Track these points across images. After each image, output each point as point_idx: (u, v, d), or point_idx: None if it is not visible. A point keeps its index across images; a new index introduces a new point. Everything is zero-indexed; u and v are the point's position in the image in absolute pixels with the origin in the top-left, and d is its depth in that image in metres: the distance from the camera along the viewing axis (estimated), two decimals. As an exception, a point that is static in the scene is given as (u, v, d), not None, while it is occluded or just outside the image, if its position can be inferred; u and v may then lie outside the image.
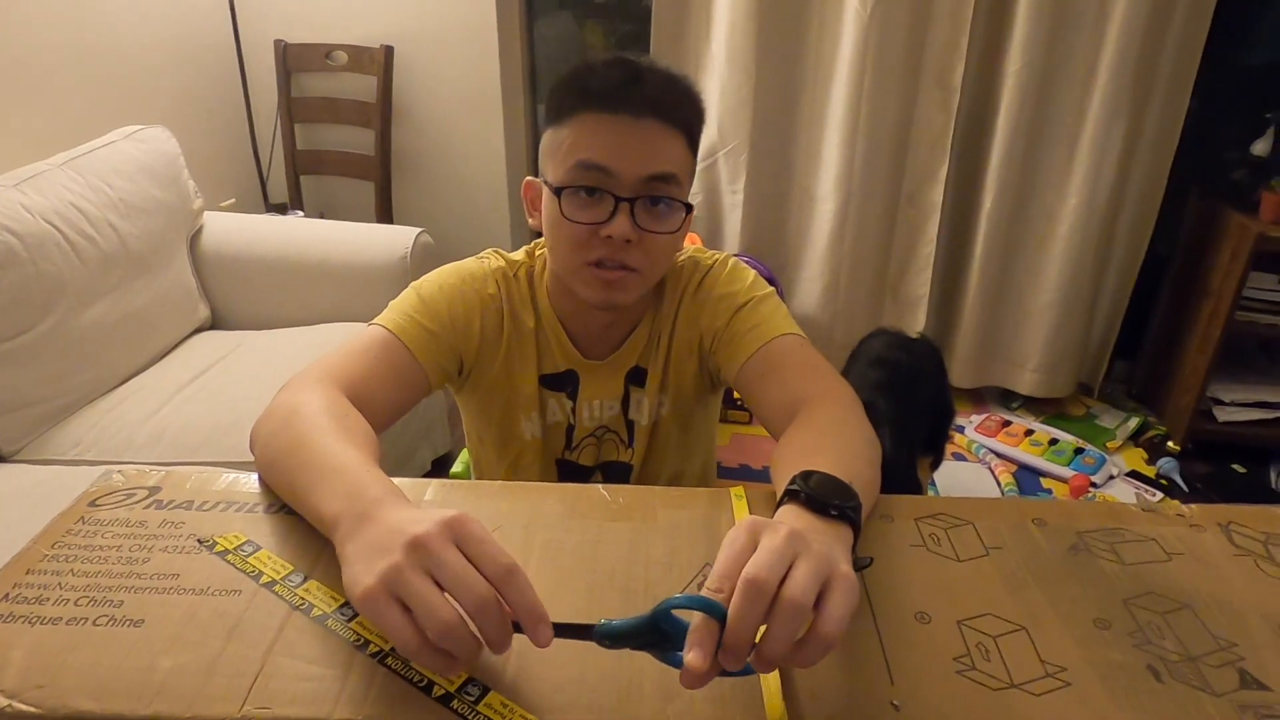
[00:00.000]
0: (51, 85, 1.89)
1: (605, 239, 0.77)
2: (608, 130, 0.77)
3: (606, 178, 0.77)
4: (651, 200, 0.78)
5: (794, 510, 0.54)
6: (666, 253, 0.84)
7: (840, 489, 0.55)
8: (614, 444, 0.94)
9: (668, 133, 0.78)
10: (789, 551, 0.44)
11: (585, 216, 0.78)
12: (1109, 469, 2.07)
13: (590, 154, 0.77)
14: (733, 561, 0.45)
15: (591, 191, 0.77)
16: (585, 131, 0.77)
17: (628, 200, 0.77)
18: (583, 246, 0.79)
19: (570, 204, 0.78)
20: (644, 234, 0.78)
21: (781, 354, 0.81)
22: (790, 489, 0.55)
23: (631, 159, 0.76)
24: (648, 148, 0.77)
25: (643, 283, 0.83)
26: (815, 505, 0.54)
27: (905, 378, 1.52)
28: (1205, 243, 2.12)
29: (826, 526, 0.53)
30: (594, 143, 0.77)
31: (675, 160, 0.79)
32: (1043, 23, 1.97)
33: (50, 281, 1.51)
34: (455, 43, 2.38)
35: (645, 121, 0.77)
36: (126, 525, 0.62)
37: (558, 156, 0.79)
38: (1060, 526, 0.63)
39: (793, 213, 2.35)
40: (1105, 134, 2.03)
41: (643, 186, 0.77)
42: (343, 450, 0.60)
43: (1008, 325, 2.30)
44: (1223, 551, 0.61)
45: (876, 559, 0.59)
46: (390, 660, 0.51)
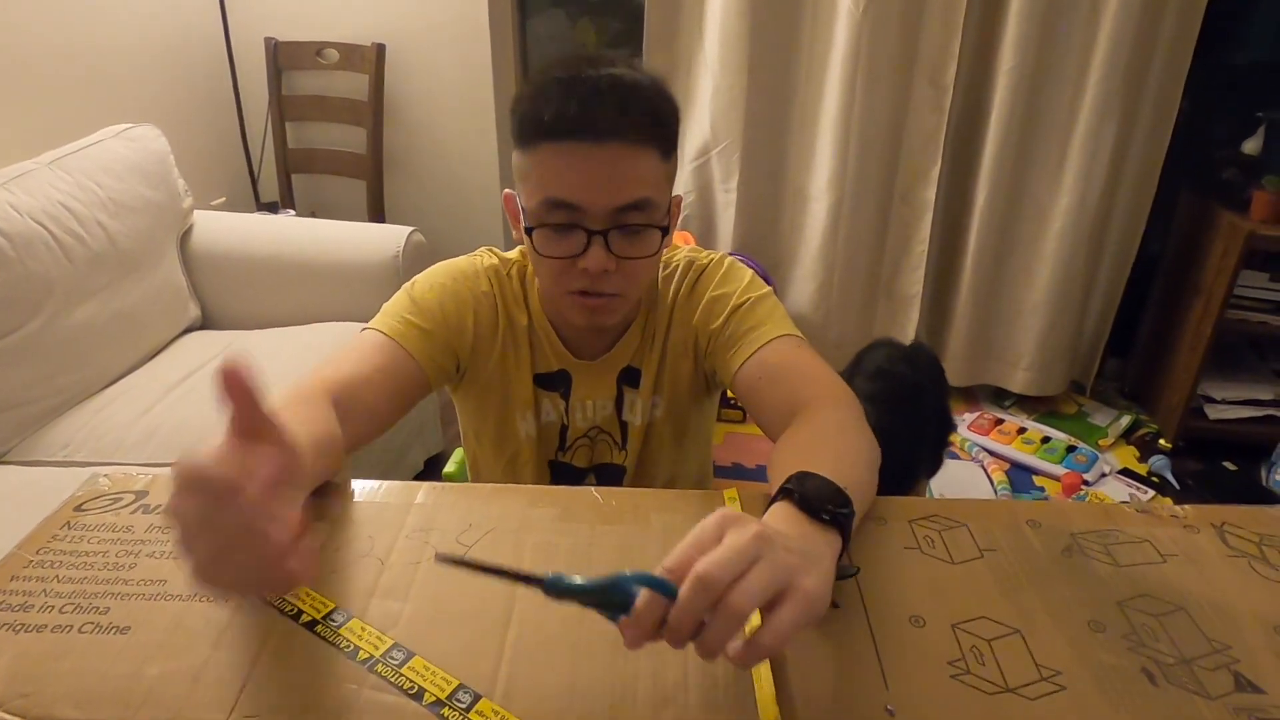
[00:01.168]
0: (40, 83, 1.88)
1: (582, 270, 0.76)
2: (569, 162, 0.73)
3: (575, 214, 0.74)
4: (628, 229, 0.75)
5: (785, 510, 0.54)
6: (648, 272, 0.82)
7: (834, 494, 0.55)
8: (607, 445, 0.94)
9: (634, 151, 0.74)
10: (750, 552, 0.44)
11: (559, 251, 0.76)
12: (1101, 467, 2.08)
13: (556, 191, 0.73)
14: (693, 549, 0.45)
15: (562, 228, 0.75)
16: (547, 165, 0.74)
17: (600, 233, 0.74)
18: (561, 275, 0.78)
19: (542, 241, 0.77)
20: (622, 261, 0.76)
21: (779, 356, 0.80)
22: (784, 488, 0.55)
23: (599, 191, 0.73)
24: (614, 176, 0.73)
25: (628, 302, 0.82)
26: (807, 508, 0.53)
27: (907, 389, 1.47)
28: (1196, 241, 2.13)
29: (815, 531, 0.52)
30: (558, 179, 0.73)
31: (646, 180, 0.75)
32: (1034, 22, 1.96)
33: (38, 281, 1.50)
34: (447, 41, 2.37)
35: (608, 146, 0.72)
36: (113, 530, 0.61)
37: (526, 187, 0.77)
38: (1054, 528, 0.63)
39: (786, 211, 2.34)
40: (1097, 133, 2.03)
41: (615, 217, 0.74)
42: None
43: (1000, 323, 2.30)
44: (1217, 553, 0.61)
45: (870, 562, 0.59)
46: (380, 668, 0.50)
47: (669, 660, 0.51)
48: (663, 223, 0.78)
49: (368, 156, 2.43)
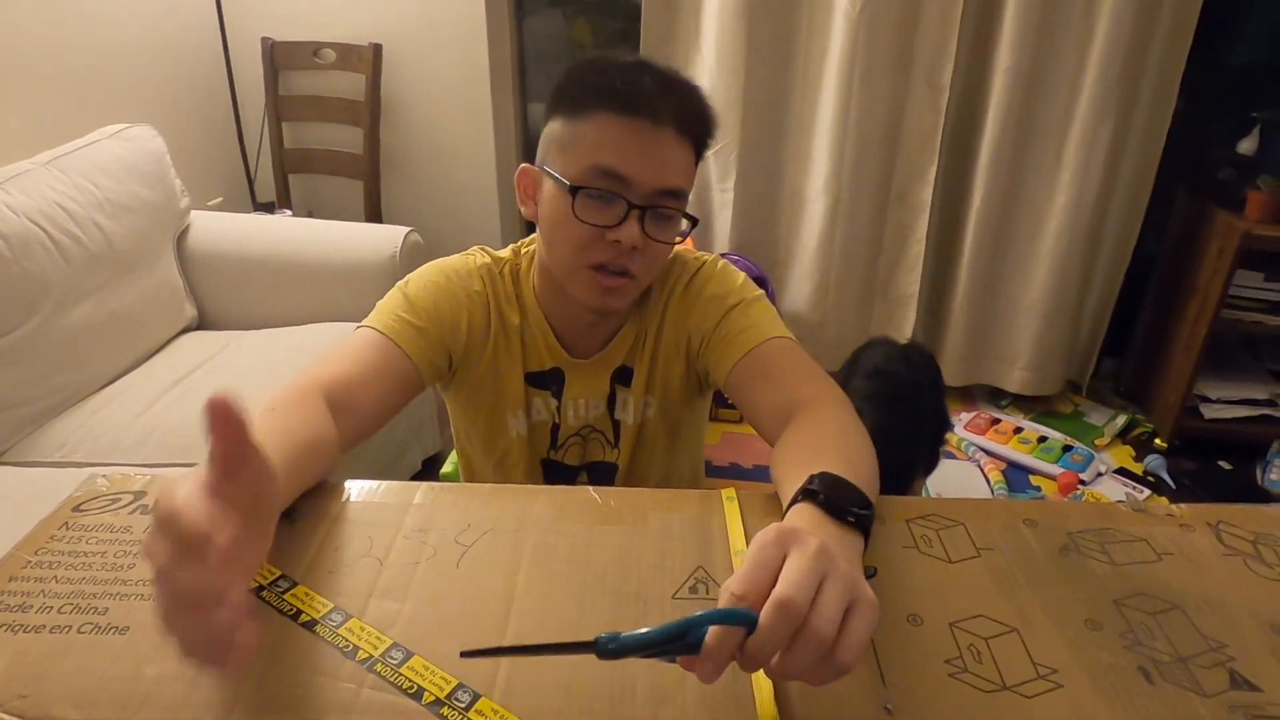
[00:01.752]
0: (36, 83, 1.87)
1: (612, 243, 0.77)
2: (627, 136, 0.76)
3: (622, 185, 0.76)
4: (660, 211, 0.78)
5: (810, 511, 0.54)
6: (664, 259, 0.85)
7: (856, 495, 0.55)
8: (599, 444, 0.94)
9: (682, 145, 0.78)
10: (819, 569, 0.43)
11: (597, 219, 0.77)
12: (1097, 466, 2.08)
13: (609, 159, 0.76)
14: (759, 570, 0.44)
15: (605, 195, 0.77)
16: (605, 133, 0.76)
17: (640, 208, 0.77)
18: (586, 248, 0.79)
19: (583, 205, 0.78)
20: (650, 242, 0.79)
21: (772, 357, 0.80)
22: (808, 489, 0.55)
23: (648, 169, 0.76)
24: (664, 159, 0.77)
25: (639, 288, 0.84)
26: (833, 510, 0.54)
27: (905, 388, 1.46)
28: (1192, 241, 2.14)
29: (842, 533, 0.53)
30: (614, 148, 0.76)
31: (685, 174, 0.80)
32: (1031, 23, 1.97)
33: (35, 282, 1.50)
34: (444, 41, 2.37)
35: (664, 131, 0.76)
36: (111, 531, 0.61)
37: (572, 152, 0.78)
38: (1051, 527, 0.63)
39: (783, 212, 2.35)
40: (1093, 133, 2.03)
41: (655, 197, 0.77)
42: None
43: (997, 323, 2.31)
44: (1213, 551, 0.61)
45: (868, 560, 0.59)
46: (379, 667, 0.50)
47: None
48: (692, 214, 0.82)
49: (364, 157, 2.42)
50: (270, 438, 0.57)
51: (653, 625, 0.53)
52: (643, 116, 0.75)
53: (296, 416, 0.66)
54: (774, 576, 0.43)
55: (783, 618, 0.42)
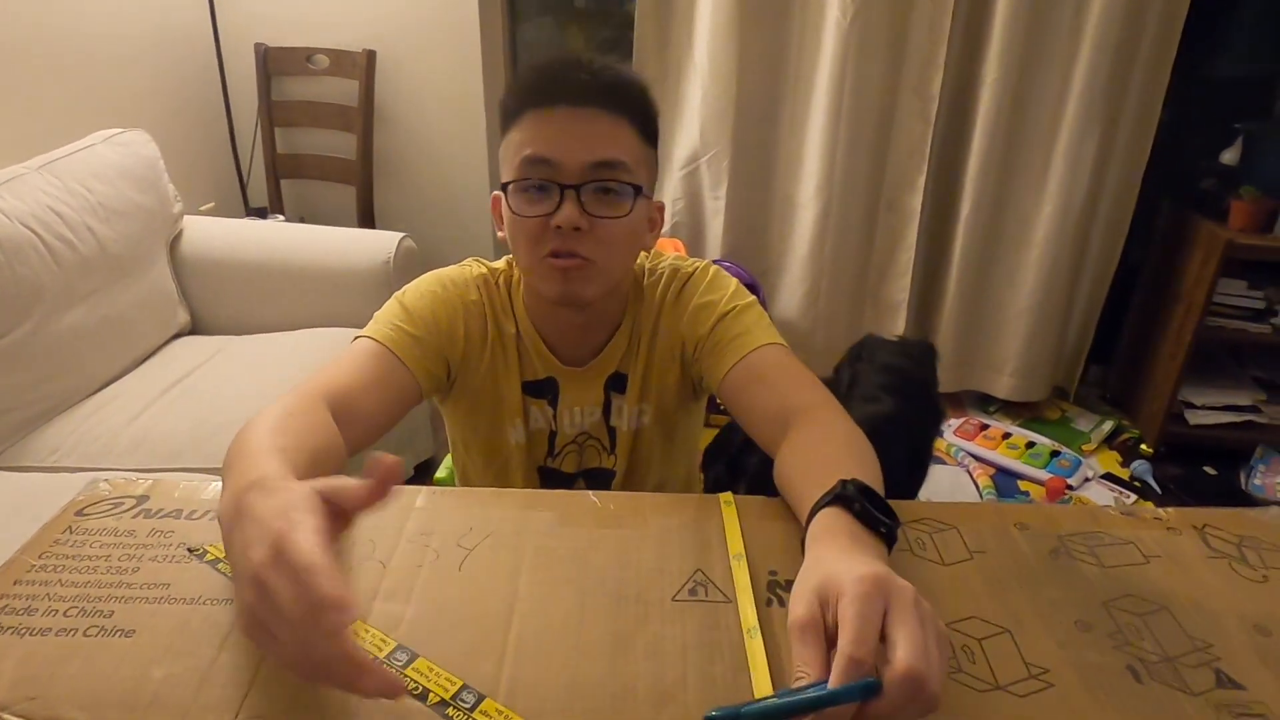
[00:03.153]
0: (29, 88, 1.87)
1: (556, 229, 0.78)
2: (548, 123, 0.77)
3: (551, 169, 0.77)
4: (600, 188, 0.78)
5: (843, 519, 0.55)
6: (623, 241, 0.82)
7: (886, 506, 0.57)
8: (596, 450, 0.95)
9: (611, 119, 0.78)
10: (924, 621, 0.44)
11: (534, 210, 0.78)
12: (1084, 471, 2.11)
13: (533, 148, 0.77)
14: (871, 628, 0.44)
15: (539, 187, 0.78)
16: (528, 129, 0.78)
17: (573, 187, 0.77)
18: (536, 241, 0.79)
19: (517, 199, 0.79)
20: (594, 220, 0.78)
21: (766, 363, 0.81)
22: (842, 494, 0.56)
23: (574, 147, 0.77)
24: (589, 135, 0.78)
25: (602, 275, 0.81)
26: (868, 520, 0.55)
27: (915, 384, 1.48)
28: (1177, 250, 2.17)
29: (872, 543, 0.54)
30: (536, 137, 0.78)
31: (622, 147, 0.79)
32: (1019, 34, 2.00)
33: (27, 286, 1.50)
34: (438, 47, 2.37)
35: (586, 110, 0.77)
36: (115, 535, 0.62)
37: (508, 159, 0.81)
38: (1041, 530, 0.65)
39: (774, 219, 2.37)
40: (1080, 143, 2.06)
41: (588, 173, 0.77)
42: (256, 442, 0.58)
43: (985, 330, 2.33)
44: (1199, 554, 0.63)
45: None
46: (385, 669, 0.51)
47: (670, 660, 0.52)
48: (636, 182, 0.80)
49: (357, 162, 2.43)
50: (288, 448, 0.59)
51: (654, 630, 0.54)
52: (561, 102, 0.77)
53: (308, 425, 0.67)
54: (878, 629, 0.44)
55: (912, 689, 0.42)
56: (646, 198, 0.83)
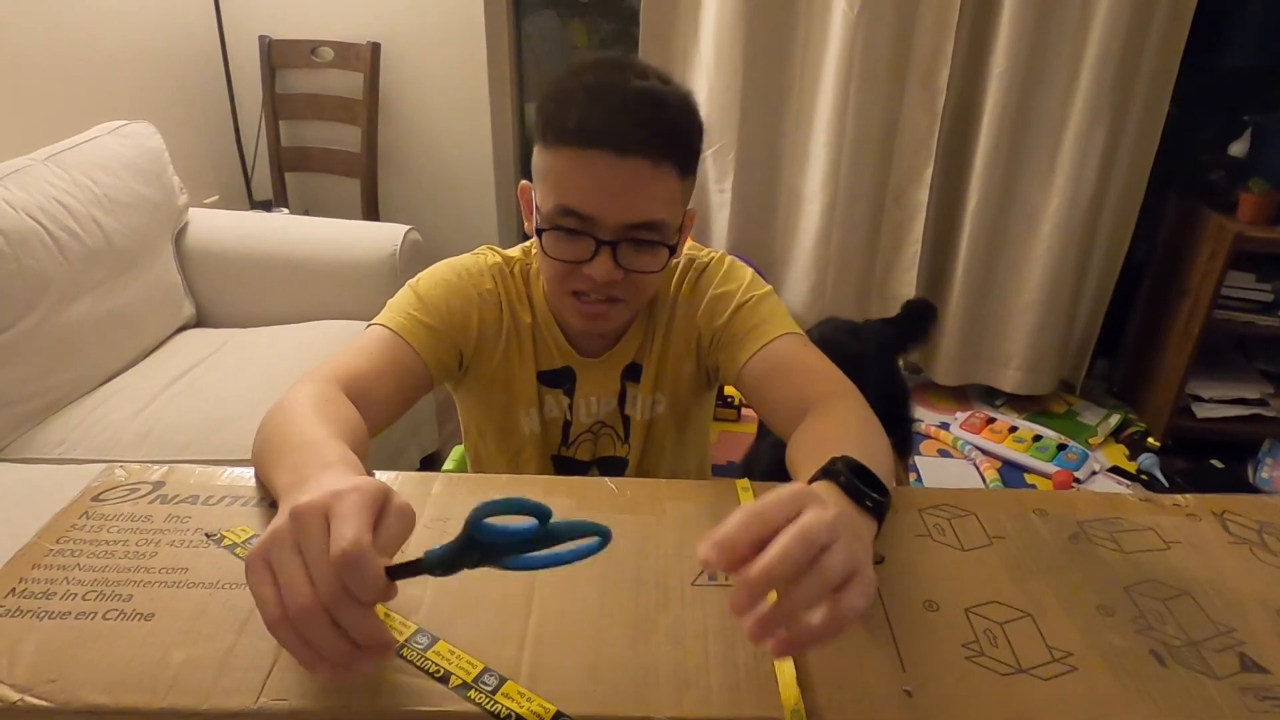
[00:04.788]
0: (34, 80, 1.87)
1: (587, 275, 0.77)
2: (587, 172, 0.72)
3: (587, 223, 0.74)
4: (634, 243, 0.76)
5: (830, 491, 0.54)
6: (653, 283, 0.82)
7: (876, 482, 0.56)
8: (610, 439, 0.95)
9: (655, 170, 0.73)
10: (833, 530, 0.44)
11: (566, 255, 0.77)
12: (1091, 465, 2.10)
13: (570, 199, 0.74)
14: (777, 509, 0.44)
15: (572, 233, 0.75)
16: (566, 171, 0.74)
17: (609, 244, 0.75)
18: (565, 279, 0.79)
19: (551, 243, 0.77)
20: (628, 273, 0.77)
21: (784, 354, 0.81)
22: (830, 469, 0.55)
23: (613, 206, 0.73)
24: (631, 192, 0.73)
25: (630, 309, 0.82)
26: (853, 492, 0.54)
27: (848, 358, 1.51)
28: (1184, 242, 2.16)
29: (857, 516, 0.53)
30: (574, 186, 0.73)
31: (661, 199, 0.75)
32: (1026, 26, 1.99)
33: (33, 278, 1.49)
34: (442, 40, 2.37)
35: (629, 160, 0.71)
36: (132, 520, 0.61)
37: (544, 186, 0.77)
38: (1060, 516, 0.64)
39: (780, 212, 2.36)
40: (1087, 135, 2.06)
41: (625, 231, 0.74)
42: (311, 429, 0.60)
43: (991, 324, 2.33)
44: (1219, 540, 0.62)
45: (883, 548, 0.60)
46: (406, 651, 0.51)
47: (690, 645, 0.51)
48: (672, 241, 0.78)
49: (362, 155, 2.42)
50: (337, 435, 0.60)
51: (674, 614, 0.54)
52: (601, 148, 0.71)
53: (343, 412, 0.68)
54: (771, 526, 0.44)
55: (802, 542, 0.42)
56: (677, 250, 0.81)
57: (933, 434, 2.26)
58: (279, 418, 0.64)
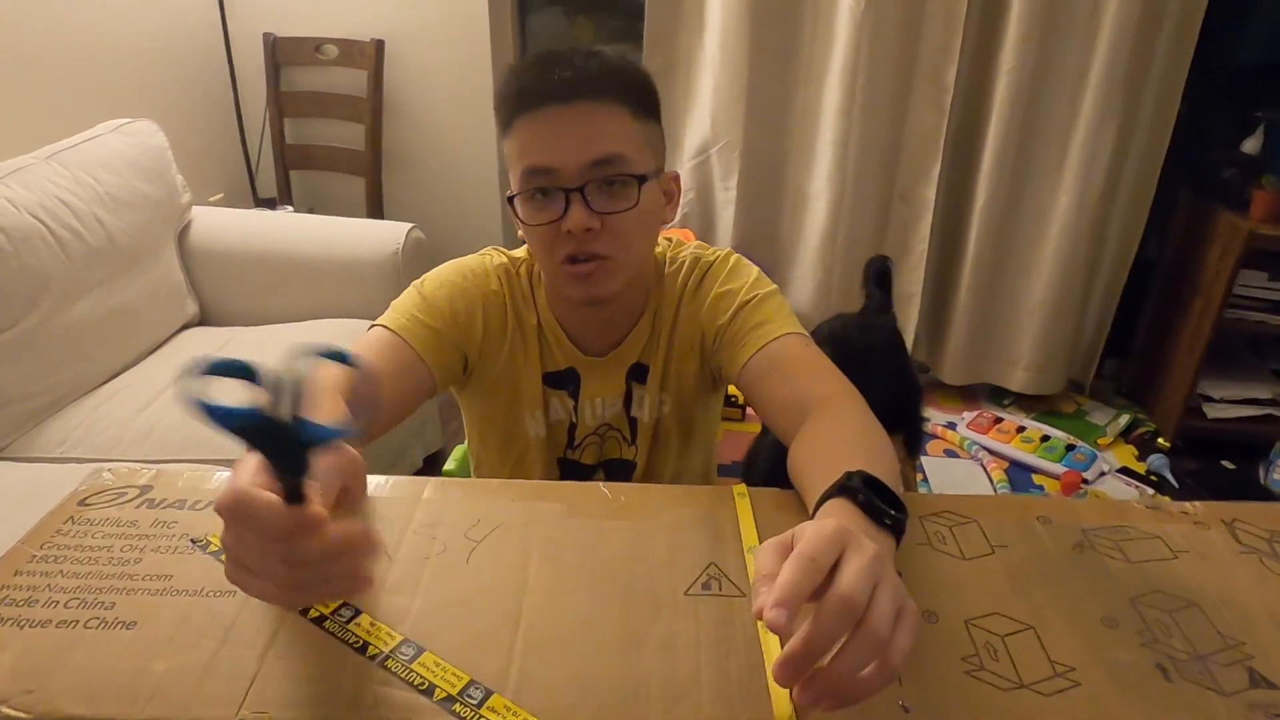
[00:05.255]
0: (38, 78, 1.86)
1: (569, 234, 0.76)
2: (540, 127, 0.76)
3: (551, 176, 0.76)
4: (604, 182, 0.76)
5: (848, 509, 0.52)
6: (637, 231, 0.80)
7: (894, 499, 0.54)
8: (617, 441, 0.93)
9: (602, 109, 0.76)
10: (875, 573, 0.43)
11: (542, 217, 0.77)
12: (1100, 465, 2.08)
13: (531, 158, 0.76)
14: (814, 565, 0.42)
15: (544, 192, 0.77)
16: (523, 137, 0.77)
17: (576, 190, 0.76)
18: (551, 246, 0.79)
19: (525, 209, 0.78)
20: (605, 218, 0.77)
21: (785, 353, 0.80)
22: (847, 485, 0.54)
23: (568, 149, 0.75)
24: (582, 132, 0.75)
25: (622, 269, 0.80)
26: (872, 511, 0.52)
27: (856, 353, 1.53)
28: (1196, 241, 2.13)
29: (878, 535, 0.52)
30: (530, 145, 0.76)
31: (615, 135, 0.77)
32: (1035, 21, 1.97)
33: (35, 276, 1.49)
34: (447, 37, 2.36)
35: (574, 106, 0.75)
36: (117, 525, 0.61)
37: (512, 170, 0.80)
38: (1064, 524, 0.63)
39: (786, 210, 2.34)
40: (1097, 132, 2.03)
41: (589, 172, 0.76)
42: None
43: (1000, 323, 2.30)
44: (1228, 549, 0.61)
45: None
46: (391, 663, 0.50)
47: (682, 656, 0.50)
48: (639, 172, 0.78)
49: (366, 153, 2.42)
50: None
51: (666, 625, 0.53)
52: (548, 102, 0.75)
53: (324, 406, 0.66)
54: (824, 572, 0.43)
55: (842, 612, 0.41)
56: (655, 178, 0.81)
57: (940, 434, 2.24)
58: None
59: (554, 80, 0.75)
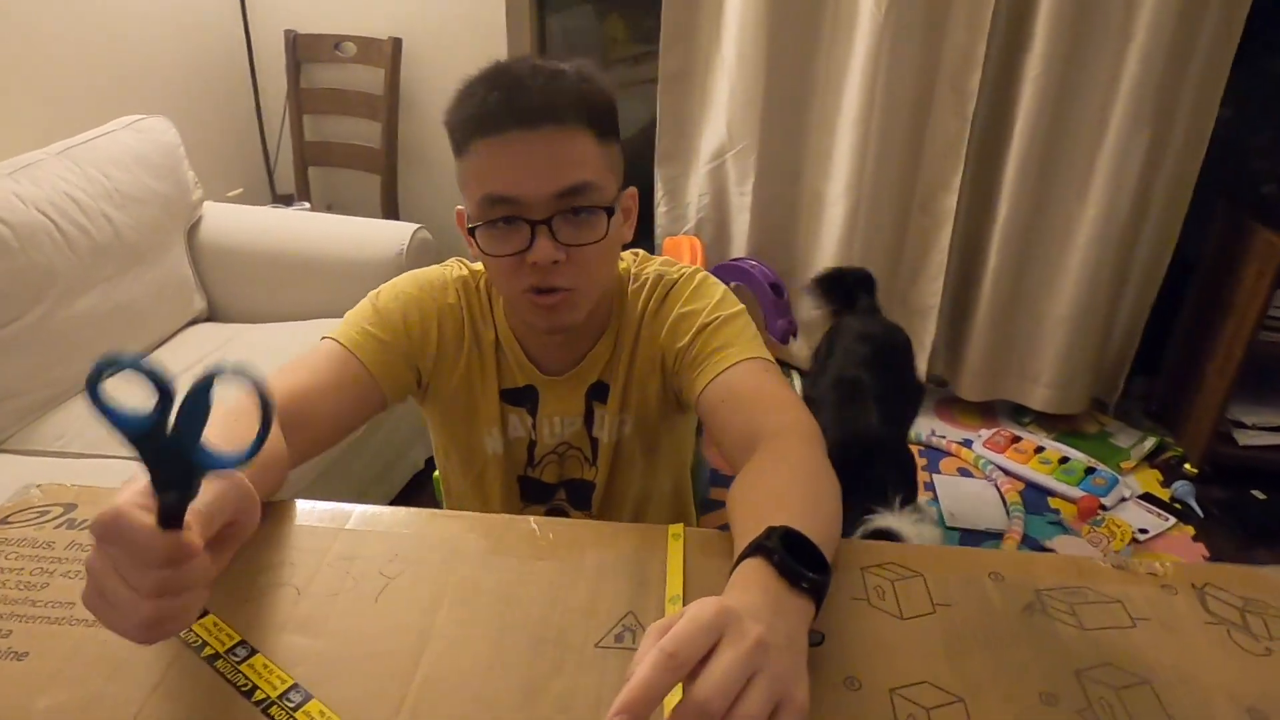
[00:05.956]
0: (60, 74, 1.89)
1: (533, 265, 0.73)
2: (502, 154, 0.71)
3: (516, 206, 0.72)
4: (571, 212, 0.73)
5: (762, 572, 0.49)
6: (602, 261, 0.78)
7: (815, 558, 0.51)
8: (577, 460, 0.91)
9: (568, 135, 0.72)
10: (749, 667, 0.40)
11: (505, 248, 0.74)
12: (1121, 490, 2.00)
13: (493, 186, 0.72)
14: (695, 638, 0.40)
15: (504, 223, 0.73)
16: (482, 162, 0.72)
17: (543, 222, 0.72)
18: (513, 274, 0.75)
19: (486, 240, 0.74)
20: (571, 250, 0.73)
21: (743, 380, 0.76)
22: (763, 544, 0.51)
23: (536, 180, 0.71)
24: (549, 161, 0.71)
25: (586, 298, 0.78)
26: (789, 573, 0.49)
27: (887, 350, 1.64)
28: (1231, 257, 2.03)
29: (792, 601, 0.48)
30: (493, 173, 0.72)
31: (583, 163, 0.73)
32: (1065, 26, 1.88)
33: (40, 272, 1.51)
34: (464, 37, 2.35)
35: (540, 131, 0.70)
36: (33, 546, 0.60)
37: (467, 192, 0.75)
38: (1018, 582, 0.59)
39: (802, 216, 2.29)
40: (1128, 142, 1.94)
41: (556, 203, 0.72)
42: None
43: (1021, 337, 2.22)
44: (1194, 619, 0.56)
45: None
46: (274, 710, 0.48)
47: (580, 715, 0.48)
48: (608, 204, 0.75)
49: (382, 151, 2.42)
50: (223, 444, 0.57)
51: (568, 680, 0.50)
52: (511, 127, 0.70)
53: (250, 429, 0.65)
54: (686, 668, 0.40)
55: (696, 718, 0.39)
56: (618, 203, 0.78)
57: (954, 451, 2.17)
58: None
59: (518, 103, 0.71)
